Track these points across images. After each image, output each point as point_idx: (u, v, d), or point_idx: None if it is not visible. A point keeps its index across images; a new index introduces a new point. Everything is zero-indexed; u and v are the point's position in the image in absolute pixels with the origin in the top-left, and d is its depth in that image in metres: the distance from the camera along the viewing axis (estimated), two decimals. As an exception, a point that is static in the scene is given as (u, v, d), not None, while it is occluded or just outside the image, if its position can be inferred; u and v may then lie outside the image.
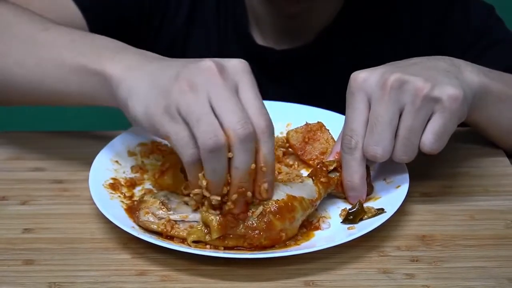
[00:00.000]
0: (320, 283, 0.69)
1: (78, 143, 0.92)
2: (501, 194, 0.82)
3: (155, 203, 0.73)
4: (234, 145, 0.67)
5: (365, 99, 0.75)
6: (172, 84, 0.69)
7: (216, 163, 0.67)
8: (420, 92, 0.72)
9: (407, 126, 0.73)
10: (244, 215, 0.70)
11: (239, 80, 0.69)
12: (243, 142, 0.67)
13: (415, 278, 0.69)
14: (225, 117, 0.67)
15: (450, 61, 0.79)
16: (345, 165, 0.76)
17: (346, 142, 0.76)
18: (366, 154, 0.75)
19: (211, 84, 0.68)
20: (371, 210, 0.75)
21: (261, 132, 0.68)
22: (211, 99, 0.67)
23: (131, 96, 0.72)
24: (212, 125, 0.66)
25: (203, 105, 0.67)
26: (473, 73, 0.79)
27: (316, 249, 0.69)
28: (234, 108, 0.67)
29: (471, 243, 0.74)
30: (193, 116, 0.67)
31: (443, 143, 0.74)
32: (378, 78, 0.74)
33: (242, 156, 0.67)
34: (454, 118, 0.74)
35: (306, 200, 0.73)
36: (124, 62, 0.76)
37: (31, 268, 0.71)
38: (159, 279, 0.69)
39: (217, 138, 0.66)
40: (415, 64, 0.78)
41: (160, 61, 0.75)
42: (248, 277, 0.69)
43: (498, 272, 0.70)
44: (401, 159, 0.75)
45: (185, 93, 0.67)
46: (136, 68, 0.74)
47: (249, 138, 0.67)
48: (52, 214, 0.79)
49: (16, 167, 0.88)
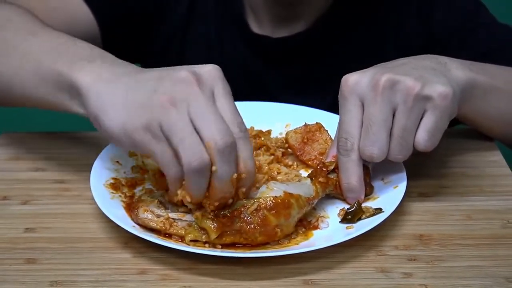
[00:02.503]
0: (319, 282, 0.69)
1: (79, 144, 0.93)
2: (497, 194, 0.83)
3: (153, 202, 0.74)
4: (215, 158, 0.67)
5: (357, 101, 0.75)
6: (151, 100, 0.68)
7: (199, 181, 0.68)
8: (412, 91, 0.73)
9: (401, 125, 0.74)
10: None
11: (214, 87, 0.69)
12: (225, 154, 0.67)
13: (412, 277, 0.70)
14: (205, 130, 0.67)
15: (436, 60, 0.80)
16: (342, 168, 0.77)
17: (342, 145, 0.76)
18: (362, 155, 0.75)
19: (190, 96, 0.68)
20: (369, 210, 0.76)
21: (237, 137, 0.68)
22: (190, 113, 0.67)
23: (104, 110, 0.71)
24: (196, 145, 0.66)
25: (185, 122, 0.67)
26: (459, 69, 0.80)
27: (315, 248, 0.70)
28: (214, 120, 0.67)
29: (468, 242, 0.75)
30: (176, 135, 0.67)
31: (436, 140, 0.75)
32: (370, 80, 0.75)
33: (225, 168, 0.68)
34: (445, 115, 0.75)
35: (303, 198, 0.74)
36: (95, 73, 0.74)
37: (32, 267, 0.71)
38: (160, 278, 0.70)
39: (202, 159, 0.66)
40: (404, 64, 0.78)
41: (135, 74, 0.73)
42: (248, 276, 0.70)
43: (495, 271, 0.71)
44: (396, 158, 0.76)
45: (166, 109, 0.67)
46: (108, 80, 0.73)
47: (230, 148, 0.67)
48: (54, 214, 0.79)
49: (17, 167, 0.88)
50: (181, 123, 0.67)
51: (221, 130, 0.67)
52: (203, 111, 0.67)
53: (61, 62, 0.77)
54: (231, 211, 0.70)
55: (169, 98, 0.67)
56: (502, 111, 0.88)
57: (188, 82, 0.68)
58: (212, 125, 0.67)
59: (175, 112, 0.67)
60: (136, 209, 0.74)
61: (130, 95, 0.70)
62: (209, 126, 0.67)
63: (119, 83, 0.72)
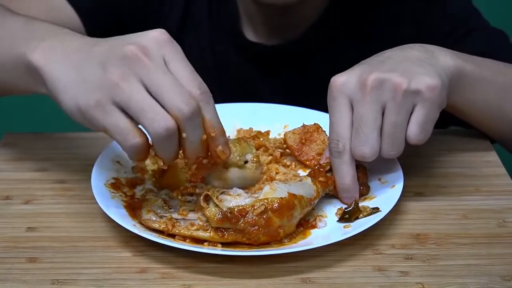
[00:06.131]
0: (317, 280, 0.70)
1: (80, 145, 0.93)
2: (493, 194, 0.83)
3: (157, 202, 0.74)
4: (183, 124, 0.67)
5: (346, 102, 0.76)
6: (101, 78, 0.68)
7: (169, 146, 0.68)
8: (400, 87, 0.73)
9: (392, 122, 0.74)
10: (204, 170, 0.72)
11: (164, 53, 0.68)
12: (192, 119, 0.67)
13: (409, 276, 0.70)
14: (167, 99, 0.66)
15: (423, 48, 0.80)
16: (335, 169, 0.78)
17: (333, 146, 0.77)
18: (354, 156, 0.76)
19: (141, 69, 0.67)
20: (366, 209, 0.76)
21: (198, 98, 0.68)
22: (146, 85, 0.67)
23: (58, 90, 0.71)
24: (159, 113, 0.66)
25: (141, 93, 0.66)
26: (447, 56, 0.80)
27: (313, 247, 0.71)
28: (172, 87, 0.66)
29: (464, 241, 0.75)
30: (135, 107, 0.66)
31: (428, 133, 0.76)
32: (357, 80, 0.75)
33: (194, 132, 0.68)
34: (435, 107, 0.75)
35: (305, 199, 0.75)
36: (47, 52, 0.74)
37: (34, 266, 0.72)
38: (160, 276, 0.70)
39: (168, 124, 0.66)
40: (389, 58, 0.78)
41: (86, 49, 0.72)
42: (247, 274, 0.70)
43: (490, 269, 0.71)
44: (389, 155, 0.76)
45: (117, 85, 0.66)
46: (60, 58, 0.72)
47: (196, 113, 0.67)
48: (55, 213, 0.80)
49: (20, 167, 0.89)
50: (137, 95, 0.66)
51: (183, 96, 0.66)
52: (158, 80, 0.67)
53: (17, 46, 0.77)
54: (239, 210, 0.71)
55: (119, 74, 0.67)
56: (490, 102, 0.88)
57: (135, 56, 0.67)
58: (172, 93, 0.66)
59: (127, 86, 0.66)
60: (139, 209, 0.74)
61: (80, 74, 0.70)
62: (169, 95, 0.66)
63: (70, 60, 0.72)
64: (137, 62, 0.67)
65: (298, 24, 1.06)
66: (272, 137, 0.93)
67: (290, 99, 0.96)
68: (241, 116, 0.94)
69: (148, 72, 0.67)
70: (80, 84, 0.69)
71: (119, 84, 0.67)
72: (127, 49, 0.67)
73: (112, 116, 0.67)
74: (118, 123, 0.67)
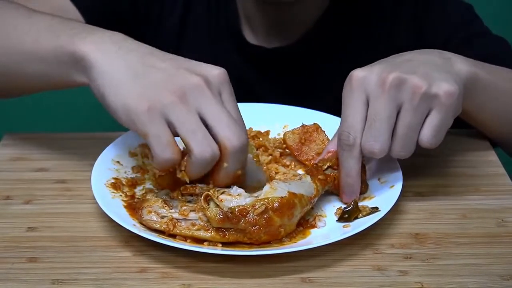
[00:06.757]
0: (316, 279, 0.70)
1: (81, 144, 0.94)
2: (492, 194, 0.84)
3: (157, 202, 0.75)
4: (229, 156, 0.72)
5: (363, 97, 0.76)
6: (159, 90, 0.71)
7: (204, 169, 0.73)
8: (419, 90, 0.74)
9: (406, 123, 0.74)
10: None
11: (222, 90, 0.74)
12: (238, 154, 0.72)
13: (408, 275, 0.70)
14: (221, 130, 0.71)
15: (440, 54, 0.81)
16: (342, 162, 0.77)
17: (344, 139, 0.76)
18: (364, 150, 0.75)
19: (202, 98, 0.72)
20: (365, 209, 0.77)
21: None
22: (201, 112, 0.71)
23: (108, 84, 0.73)
24: (208, 138, 0.71)
25: (196, 117, 0.71)
26: (463, 63, 0.80)
27: (312, 246, 0.71)
28: (227, 120, 0.71)
29: (464, 241, 0.76)
30: (187, 127, 0.70)
31: (441, 138, 0.76)
32: (377, 77, 0.75)
33: (236, 164, 0.73)
34: (451, 113, 0.76)
35: (305, 197, 0.75)
36: (98, 43, 0.75)
37: (35, 266, 0.72)
38: (160, 276, 0.70)
39: (214, 153, 0.71)
40: (410, 60, 0.79)
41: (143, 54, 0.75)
42: (247, 273, 0.70)
43: (490, 269, 0.71)
44: (399, 155, 0.76)
45: (176, 102, 0.71)
46: (113, 53, 0.74)
47: (245, 147, 0.73)
48: (55, 213, 0.80)
49: (20, 168, 0.89)
50: (192, 117, 0.71)
51: (236, 131, 0.72)
52: (215, 111, 0.71)
53: (60, 36, 0.79)
54: (239, 210, 0.71)
55: (181, 94, 0.71)
56: (500, 108, 0.89)
57: (200, 86, 0.72)
58: (226, 125, 0.71)
59: (186, 108, 0.71)
60: (140, 210, 0.74)
61: (136, 76, 0.72)
62: (223, 126, 0.71)
63: (125, 59, 0.74)
64: (200, 92, 0.72)
65: (297, 25, 1.06)
66: (272, 137, 0.93)
67: (290, 100, 0.97)
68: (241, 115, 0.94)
69: (208, 101, 0.71)
70: (136, 86, 0.72)
71: (179, 102, 0.70)
72: (194, 79, 0.72)
73: (159, 126, 0.70)
74: (163, 134, 0.71)
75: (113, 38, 0.77)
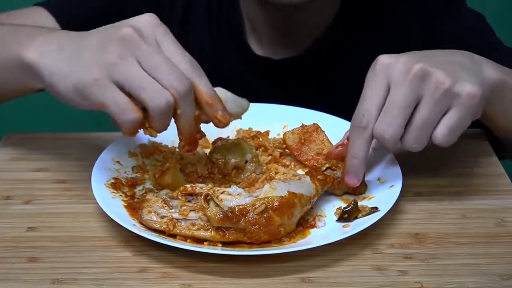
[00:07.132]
0: (316, 279, 0.70)
1: (81, 145, 0.94)
2: (492, 194, 0.84)
3: (157, 202, 0.75)
4: (178, 102, 0.72)
5: (385, 83, 0.75)
6: (99, 57, 0.72)
7: (166, 118, 0.73)
8: (442, 85, 0.73)
9: (423, 116, 0.74)
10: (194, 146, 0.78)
11: (156, 35, 0.73)
12: (187, 96, 0.72)
13: (408, 275, 0.71)
14: (163, 79, 0.71)
15: (471, 57, 0.80)
16: (352, 142, 0.76)
17: (357, 120, 0.75)
18: (375, 135, 0.75)
19: (138, 50, 0.72)
20: (365, 209, 0.77)
21: (191, 74, 0.73)
22: (142, 65, 0.71)
23: (55, 78, 0.74)
24: (158, 89, 0.71)
25: (139, 72, 0.71)
26: (492, 69, 0.80)
27: (312, 246, 0.71)
28: (167, 67, 0.71)
29: (463, 241, 0.76)
30: (134, 84, 0.71)
31: (455, 137, 0.75)
32: (403, 65, 0.74)
33: (187, 108, 0.73)
34: (469, 114, 0.75)
35: (305, 197, 0.75)
36: (40, 47, 0.77)
37: (35, 265, 0.72)
38: (159, 275, 0.70)
39: (168, 99, 0.71)
40: (439, 56, 0.78)
41: (79, 40, 0.76)
42: (246, 273, 0.71)
43: (489, 269, 0.71)
44: (411, 147, 0.75)
45: (116, 63, 0.71)
46: (54, 51, 0.76)
47: (189, 90, 0.72)
48: (55, 213, 0.80)
49: (20, 168, 0.89)
50: (136, 73, 0.71)
51: (177, 76, 0.71)
52: (154, 61, 0.72)
53: (8, 46, 0.81)
54: (239, 209, 0.71)
55: (118, 54, 0.71)
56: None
57: (132, 38, 0.72)
58: (167, 73, 0.71)
59: (126, 65, 0.71)
60: (140, 210, 0.74)
61: (74, 57, 0.74)
62: (165, 75, 0.71)
63: (65, 51, 0.75)
64: (134, 44, 0.72)
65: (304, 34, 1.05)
66: (272, 137, 0.93)
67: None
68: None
69: (144, 53, 0.72)
70: (76, 66, 0.73)
71: (118, 62, 0.71)
72: (124, 31, 0.72)
73: (111, 92, 0.71)
74: (118, 99, 0.71)
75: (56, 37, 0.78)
